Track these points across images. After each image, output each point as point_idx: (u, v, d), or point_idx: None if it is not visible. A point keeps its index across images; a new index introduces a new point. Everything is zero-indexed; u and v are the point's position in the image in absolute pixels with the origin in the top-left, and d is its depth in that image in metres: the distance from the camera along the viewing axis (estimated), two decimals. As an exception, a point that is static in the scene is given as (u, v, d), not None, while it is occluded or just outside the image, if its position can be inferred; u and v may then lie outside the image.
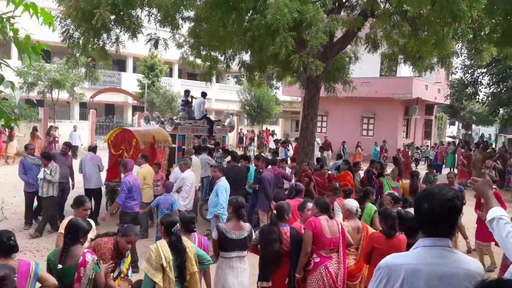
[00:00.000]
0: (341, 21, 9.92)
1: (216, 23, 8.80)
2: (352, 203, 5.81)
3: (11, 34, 2.26)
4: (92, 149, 10.96)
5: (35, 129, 19.79)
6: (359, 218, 6.08)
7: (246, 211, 7.65)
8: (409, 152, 22.50)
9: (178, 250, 4.12)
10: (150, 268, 4.02)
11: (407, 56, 13.27)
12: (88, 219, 4.63)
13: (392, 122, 27.66)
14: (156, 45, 11.80)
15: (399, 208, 5.91)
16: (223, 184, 7.97)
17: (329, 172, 11.34)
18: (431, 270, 2.30)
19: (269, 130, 32.58)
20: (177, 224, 4.26)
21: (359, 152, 22.68)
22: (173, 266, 4.08)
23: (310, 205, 5.69)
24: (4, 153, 19.29)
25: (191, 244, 4.37)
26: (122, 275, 4.52)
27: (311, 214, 5.42)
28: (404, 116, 28.78)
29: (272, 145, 26.79)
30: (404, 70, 25.98)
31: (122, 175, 8.40)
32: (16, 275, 3.56)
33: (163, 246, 4.13)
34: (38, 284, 3.80)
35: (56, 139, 20.34)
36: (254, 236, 5.02)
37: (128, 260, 4.69)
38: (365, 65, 19.74)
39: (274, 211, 5.18)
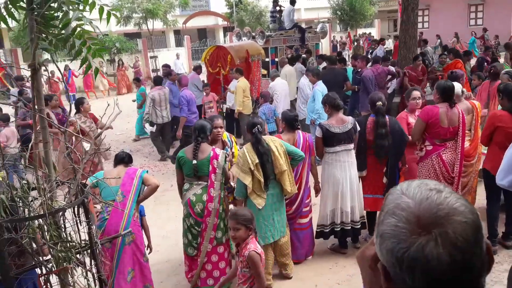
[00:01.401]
0: None
1: None
2: (456, 85, 5.38)
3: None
4: (196, 68, 11.29)
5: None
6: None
7: (347, 113, 7.48)
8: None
9: (259, 152, 4.22)
10: (240, 171, 4.23)
11: None
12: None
13: (504, 7, 24.57)
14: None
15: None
16: (319, 89, 7.82)
17: (434, 66, 10.56)
18: None
19: (365, 33, 30.83)
20: (258, 125, 4.29)
21: (455, 44, 20.47)
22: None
23: (416, 93, 5.38)
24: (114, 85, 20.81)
25: (280, 142, 4.39)
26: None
27: (418, 104, 5.14)
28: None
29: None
30: None
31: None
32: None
33: (249, 150, 4.26)
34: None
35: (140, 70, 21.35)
36: (358, 128, 4.90)
37: (234, 146, 4.96)
38: None
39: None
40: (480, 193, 5.53)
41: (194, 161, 4.27)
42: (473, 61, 11.39)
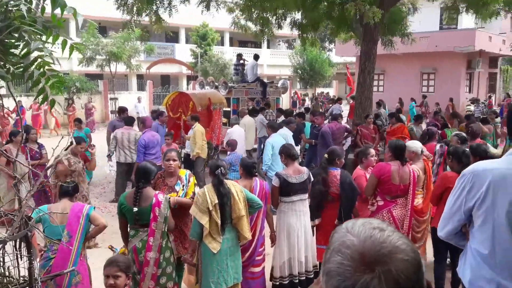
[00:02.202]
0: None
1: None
2: (417, 144, 5.67)
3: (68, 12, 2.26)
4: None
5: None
6: None
7: (304, 166, 7.63)
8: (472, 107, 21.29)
9: (220, 193, 4.18)
10: (198, 211, 4.15)
11: (469, 4, 12.43)
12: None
13: (454, 77, 26.27)
14: (208, 6, 11.75)
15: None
16: (270, 141, 8.03)
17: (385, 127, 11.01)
18: None
19: (323, 93, 32.00)
20: (221, 167, 4.27)
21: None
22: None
23: (371, 151, 5.56)
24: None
25: (240, 188, 4.37)
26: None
27: (374, 160, 5.30)
28: (466, 70, 27.24)
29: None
30: (466, 21, 24.51)
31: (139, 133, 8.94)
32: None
33: (209, 190, 4.21)
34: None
35: (92, 111, 20.75)
36: (312, 179, 4.99)
37: (191, 186, 4.85)
38: (424, 18, 18.74)
39: (326, 155, 5.10)
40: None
41: (135, 209, 4.11)
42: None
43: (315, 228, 5.10)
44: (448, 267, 5.11)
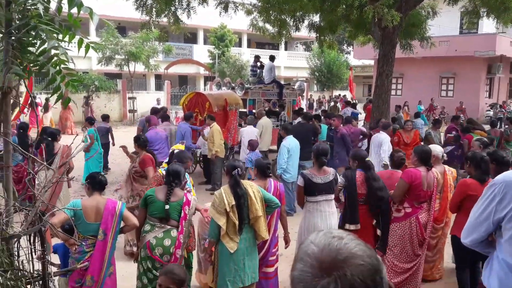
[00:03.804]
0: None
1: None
2: (437, 148, 5.63)
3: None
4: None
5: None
6: None
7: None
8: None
9: (236, 194, 4.20)
10: (215, 212, 4.18)
11: (490, 8, 12.23)
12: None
13: (473, 81, 25.91)
14: (226, 8, 11.80)
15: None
16: (285, 144, 8.02)
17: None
18: None
19: (340, 95, 31.84)
20: (238, 168, 4.30)
21: (406, 112, 20.58)
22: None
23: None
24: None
25: (257, 188, 4.38)
26: None
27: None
28: (486, 75, 26.85)
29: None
30: (486, 26, 24.15)
31: None
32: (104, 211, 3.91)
33: (226, 191, 4.24)
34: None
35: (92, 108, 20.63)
36: (340, 180, 4.95)
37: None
38: (443, 22, 18.51)
39: (352, 157, 5.08)
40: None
41: (167, 206, 4.19)
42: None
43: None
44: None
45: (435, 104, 21.98)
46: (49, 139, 6.80)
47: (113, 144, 11.10)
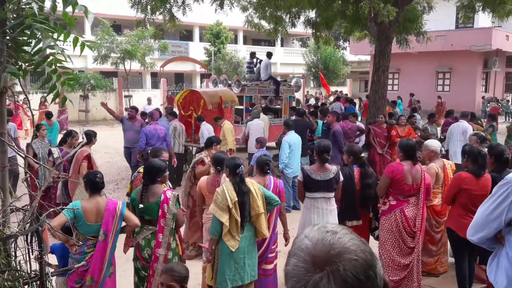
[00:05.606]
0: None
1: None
2: (435, 143, 5.64)
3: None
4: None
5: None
6: None
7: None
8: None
9: (241, 191, 4.20)
10: (218, 209, 4.17)
11: (485, 2, 12.25)
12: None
13: (470, 76, 25.98)
14: (221, 5, 11.76)
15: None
16: (286, 139, 8.05)
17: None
18: None
19: (337, 91, 31.85)
20: (241, 166, 4.30)
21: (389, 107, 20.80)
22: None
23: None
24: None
25: (258, 186, 4.39)
26: None
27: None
28: (483, 69, 26.93)
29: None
30: (482, 20, 24.18)
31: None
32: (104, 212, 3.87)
33: (228, 188, 4.23)
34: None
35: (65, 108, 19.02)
36: (341, 179, 4.97)
37: None
38: (439, 17, 18.51)
39: (347, 153, 5.12)
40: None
41: (141, 205, 4.15)
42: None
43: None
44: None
45: (414, 99, 21.96)
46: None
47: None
